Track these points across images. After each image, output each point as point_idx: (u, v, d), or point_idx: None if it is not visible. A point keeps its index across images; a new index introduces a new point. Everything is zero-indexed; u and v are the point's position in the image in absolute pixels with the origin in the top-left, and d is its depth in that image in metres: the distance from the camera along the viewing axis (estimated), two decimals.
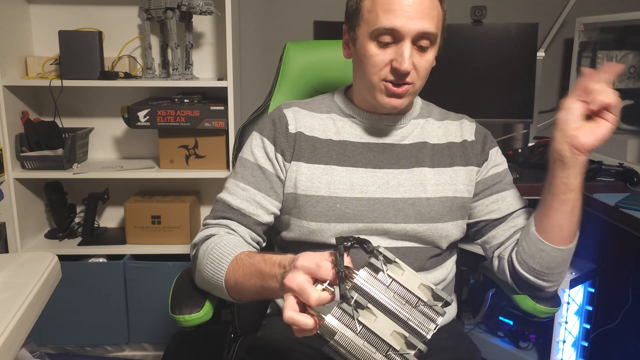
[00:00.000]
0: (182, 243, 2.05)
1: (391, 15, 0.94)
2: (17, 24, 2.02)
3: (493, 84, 2.01)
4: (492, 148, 1.12)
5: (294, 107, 1.12)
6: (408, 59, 0.95)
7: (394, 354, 0.65)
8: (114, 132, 2.23)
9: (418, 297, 0.69)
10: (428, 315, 0.68)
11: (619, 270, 1.78)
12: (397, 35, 0.96)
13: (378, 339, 0.66)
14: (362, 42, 1.00)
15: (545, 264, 1.02)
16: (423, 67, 0.99)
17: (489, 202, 1.10)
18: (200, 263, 1.00)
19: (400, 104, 1.02)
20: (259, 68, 2.20)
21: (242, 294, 0.95)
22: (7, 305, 0.82)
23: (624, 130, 1.84)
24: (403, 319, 0.67)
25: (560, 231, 0.99)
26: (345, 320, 0.66)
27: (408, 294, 0.69)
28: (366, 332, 0.66)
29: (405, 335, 0.66)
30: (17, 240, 2.00)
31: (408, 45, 0.95)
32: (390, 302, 0.68)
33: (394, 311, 0.68)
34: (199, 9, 1.88)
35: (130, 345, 2.16)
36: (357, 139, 1.08)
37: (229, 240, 0.99)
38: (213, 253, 0.97)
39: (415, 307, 0.68)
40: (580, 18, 2.04)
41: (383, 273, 0.69)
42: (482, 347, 1.37)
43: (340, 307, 0.67)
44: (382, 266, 0.69)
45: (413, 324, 0.67)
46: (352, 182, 1.04)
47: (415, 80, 1.00)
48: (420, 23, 0.94)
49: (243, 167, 1.09)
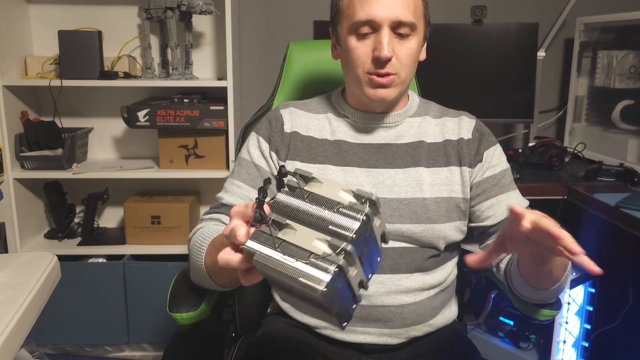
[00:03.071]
0: (181, 243, 2.04)
1: (367, 6, 0.97)
2: (16, 24, 2.02)
3: (493, 84, 2.01)
4: (487, 148, 1.09)
5: (291, 107, 1.14)
6: (387, 45, 0.96)
7: (315, 260, 0.63)
8: (113, 132, 2.23)
9: (337, 202, 0.66)
10: (349, 215, 0.65)
11: (619, 271, 1.78)
12: (374, 25, 0.98)
13: (299, 249, 0.64)
14: (344, 38, 1.03)
15: (537, 297, 1.01)
16: (405, 55, 1.00)
17: (484, 208, 1.08)
18: (190, 254, 1.02)
19: (388, 94, 1.02)
20: (259, 68, 2.20)
21: (217, 274, 0.93)
22: (6, 305, 0.82)
23: (624, 130, 1.85)
24: (323, 226, 0.65)
25: (549, 278, 0.95)
26: (264, 239, 0.66)
27: (327, 201, 0.67)
28: (286, 245, 0.65)
29: (328, 239, 0.64)
30: (17, 240, 1.99)
31: (386, 32, 0.97)
32: (309, 211, 0.66)
33: (312, 220, 0.66)
34: (198, 8, 1.88)
35: (130, 345, 2.16)
36: (352, 139, 1.09)
37: (214, 228, 1.00)
38: (198, 240, 0.98)
39: (335, 212, 0.66)
40: (580, 18, 2.04)
41: (300, 189, 0.68)
42: (483, 348, 1.37)
43: (260, 230, 0.66)
44: (298, 184, 0.68)
45: (333, 227, 0.65)
46: (346, 181, 1.05)
47: (399, 70, 1.00)
48: (395, 11, 0.96)
49: (240, 166, 1.11)
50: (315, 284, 0.60)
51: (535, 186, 1.70)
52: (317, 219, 0.66)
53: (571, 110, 2.12)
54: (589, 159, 1.93)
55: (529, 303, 1.06)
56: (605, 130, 1.95)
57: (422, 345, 1.08)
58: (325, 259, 0.62)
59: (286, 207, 0.67)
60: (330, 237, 0.64)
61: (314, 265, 0.62)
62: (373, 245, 0.70)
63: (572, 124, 2.13)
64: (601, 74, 1.95)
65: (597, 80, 1.98)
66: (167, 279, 1.13)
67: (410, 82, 1.07)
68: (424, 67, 1.13)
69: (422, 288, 1.06)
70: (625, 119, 1.83)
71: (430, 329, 1.10)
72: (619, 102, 1.85)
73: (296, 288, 0.62)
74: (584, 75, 2.06)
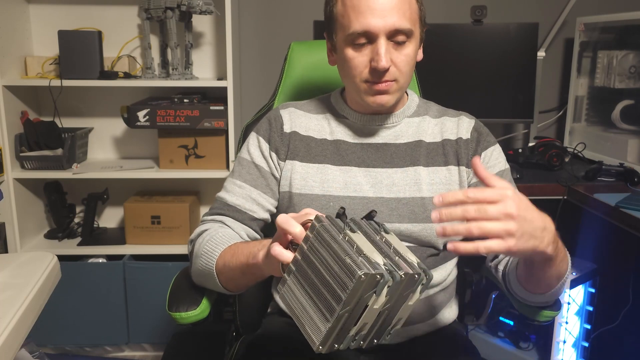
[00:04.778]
0: (181, 243, 2.04)
1: (361, 17, 0.96)
2: (16, 24, 2.02)
3: (493, 84, 2.01)
4: (486, 149, 1.08)
5: (291, 107, 1.14)
6: (384, 56, 0.96)
7: (367, 259, 0.68)
8: (113, 132, 2.22)
9: (403, 254, 0.72)
10: (409, 264, 0.70)
11: (619, 271, 1.78)
12: (370, 36, 0.97)
13: (359, 249, 0.69)
14: (341, 48, 1.02)
15: (534, 300, 1.01)
16: (403, 62, 0.99)
17: None
18: (195, 256, 1.02)
19: (388, 100, 1.02)
20: (259, 68, 2.20)
21: (230, 278, 0.95)
22: (6, 305, 0.82)
23: (624, 130, 1.85)
24: (389, 254, 0.72)
25: (545, 284, 0.94)
26: (328, 228, 0.72)
27: (398, 249, 0.73)
28: (350, 240, 0.71)
29: (385, 260, 0.69)
30: (17, 241, 1.99)
31: (383, 43, 0.96)
32: (384, 241, 0.74)
33: (382, 248, 0.72)
34: (198, 8, 1.88)
35: (130, 345, 2.16)
36: (350, 139, 1.09)
37: (224, 233, 1.01)
38: (208, 245, 0.99)
39: (399, 257, 0.71)
40: (580, 18, 2.04)
41: (383, 230, 0.76)
42: (483, 348, 1.37)
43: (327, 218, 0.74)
44: (382, 227, 0.77)
45: (397, 258, 0.71)
46: (345, 181, 1.05)
47: (398, 77, 1.00)
48: (391, 20, 0.95)
49: (240, 166, 1.11)
50: (357, 269, 0.64)
51: (535, 186, 1.70)
52: (385, 248, 0.72)
53: (571, 110, 2.12)
54: (589, 159, 1.93)
55: (527, 304, 1.06)
56: (605, 130, 1.95)
57: (421, 345, 1.08)
58: (376, 263, 0.67)
59: (365, 227, 0.75)
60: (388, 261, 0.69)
61: (366, 259, 0.67)
62: (390, 317, 0.74)
63: (572, 124, 2.13)
64: (601, 74, 1.95)
65: (597, 80, 1.98)
66: (167, 279, 1.13)
67: (408, 85, 1.07)
68: (424, 67, 1.13)
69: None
70: (625, 119, 1.83)
71: (430, 328, 1.10)
72: (619, 102, 1.85)
73: (335, 270, 0.67)
74: (584, 75, 2.06)
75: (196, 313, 1.03)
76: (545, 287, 0.95)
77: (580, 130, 2.10)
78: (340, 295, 0.65)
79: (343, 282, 0.65)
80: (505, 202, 0.73)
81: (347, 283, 0.65)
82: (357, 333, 0.70)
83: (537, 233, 0.76)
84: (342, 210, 0.75)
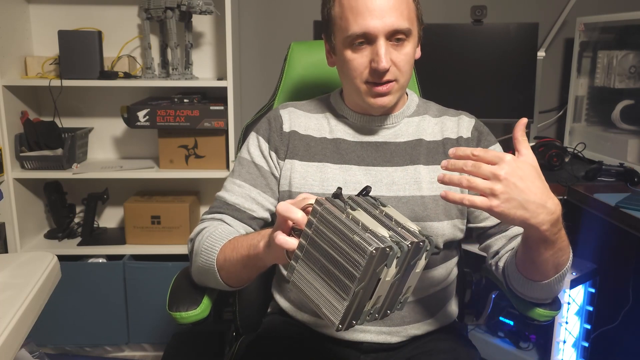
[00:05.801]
0: (181, 243, 2.04)
1: (359, 18, 0.96)
2: (16, 24, 2.02)
3: (493, 84, 2.01)
4: (486, 148, 1.08)
5: (290, 107, 1.15)
6: (384, 57, 0.96)
7: (374, 233, 0.69)
8: (113, 132, 2.22)
9: (404, 224, 0.74)
10: (412, 233, 0.72)
11: (619, 271, 1.78)
12: (369, 37, 0.97)
13: (363, 224, 0.71)
14: (340, 49, 1.02)
15: (532, 294, 1.00)
16: (403, 62, 0.99)
17: None
18: (195, 254, 1.02)
19: (389, 101, 1.02)
20: (259, 68, 2.20)
21: (231, 272, 0.95)
22: (6, 305, 0.82)
23: (624, 130, 1.85)
24: (391, 226, 0.73)
25: (543, 269, 0.93)
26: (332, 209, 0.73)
27: (397, 219, 0.75)
28: (354, 217, 0.72)
29: (390, 233, 0.71)
30: (17, 241, 1.99)
31: (382, 43, 0.96)
32: (384, 214, 0.76)
33: (384, 220, 0.74)
34: (198, 8, 1.88)
35: (130, 345, 2.16)
36: (350, 138, 1.09)
37: (224, 229, 1.01)
38: (207, 241, 0.99)
39: (401, 228, 0.73)
40: (580, 18, 2.04)
41: (380, 204, 0.78)
42: (483, 348, 1.37)
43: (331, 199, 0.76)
44: (380, 202, 0.79)
45: (401, 229, 0.73)
46: (345, 179, 1.05)
47: (398, 77, 1.00)
48: (390, 20, 0.95)
49: (240, 166, 1.11)
50: (368, 245, 0.66)
51: None
52: (387, 221, 0.74)
53: (571, 110, 2.12)
54: (589, 159, 1.93)
55: (526, 301, 1.06)
56: (605, 130, 1.95)
57: (421, 344, 1.08)
58: (383, 237, 0.69)
59: (363, 204, 0.76)
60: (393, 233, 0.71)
61: (373, 235, 0.69)
62: (400, 287, 0.75)
63: (572, 124, 2.13)
64: (601, 74, 1.95)
65: (597, 80, 1.98)
66: (167, 279, 1.13)
67: (408, 83, 1.07)
68: (424, 67, 1.13)
69: (421, 286, 1.06)
70: (625, 119, 1.83)
71: (430, 327, 1.10)
72: (619, 102, 1.84)
73: (344, 250, 0.68)
74: (584, 75, 2.06)
75: (196, 313, 1.03)
76: (541, 274, 0.93)
77: (580, 130, 2.10)
78: (354, 273, 0.67)
79: (354, 259, 0.67)
80: (500, 165, 0.78)
81: (358, 260, 0.67)
82: (373, 307, 0.72)
83: (530, 206, 0.78)
84: (340, 191, 0.77)
